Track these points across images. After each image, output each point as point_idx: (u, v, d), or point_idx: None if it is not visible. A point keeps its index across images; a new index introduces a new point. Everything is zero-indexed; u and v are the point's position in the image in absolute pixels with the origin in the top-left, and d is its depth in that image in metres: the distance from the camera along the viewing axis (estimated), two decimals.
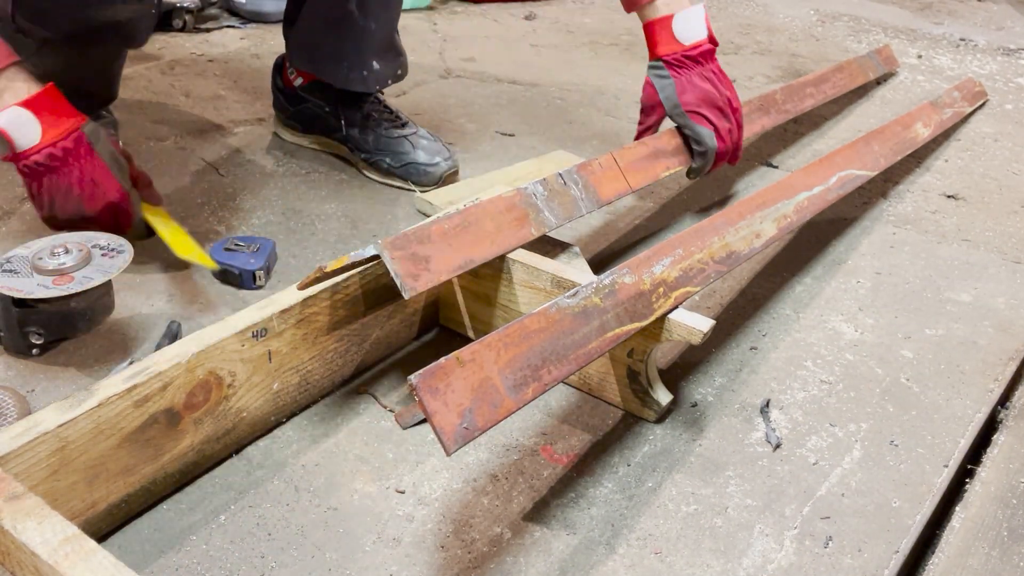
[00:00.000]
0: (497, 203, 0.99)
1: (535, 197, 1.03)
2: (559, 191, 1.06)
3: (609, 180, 1.13)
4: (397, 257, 0.87)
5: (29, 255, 0.98)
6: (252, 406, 0.90)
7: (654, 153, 1.22)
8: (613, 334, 0.87)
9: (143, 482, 0.81)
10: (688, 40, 1.23)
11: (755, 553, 0.82)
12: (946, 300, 1.24)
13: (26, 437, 0.71)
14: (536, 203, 1.02)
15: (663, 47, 1.24)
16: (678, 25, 1.22)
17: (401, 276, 0.86)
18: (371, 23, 1.37)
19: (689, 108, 1.23)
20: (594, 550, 0.81)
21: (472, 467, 0.90)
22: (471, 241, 0.94)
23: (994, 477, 0.92)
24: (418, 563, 0.79)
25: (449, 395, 0.73)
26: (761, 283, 1.25)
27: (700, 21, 1.24)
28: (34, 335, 0.98)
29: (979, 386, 1.06)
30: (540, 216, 1.02)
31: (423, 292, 1.06)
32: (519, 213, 1.00)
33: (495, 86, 1.93)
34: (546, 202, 1.03)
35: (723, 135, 1.24)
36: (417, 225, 0.92)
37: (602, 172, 1.13)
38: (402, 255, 0.87)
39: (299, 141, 1.56)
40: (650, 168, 1.20)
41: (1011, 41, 2.49)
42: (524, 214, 1.01)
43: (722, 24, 2.50)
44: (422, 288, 0.87)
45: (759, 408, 1.00)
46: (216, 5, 2.24)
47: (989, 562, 0.82)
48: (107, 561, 0.62)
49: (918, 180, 1.60)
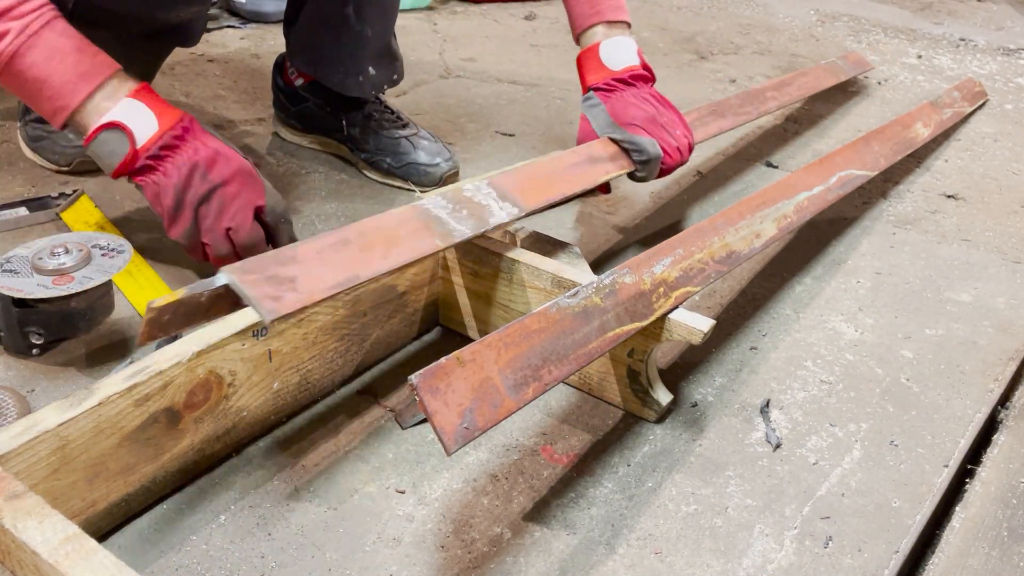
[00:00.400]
0: (387, 219, 0.92)
1: (437, 210, 0.95)
2: (467, 202, 0.98)
3: (532, 188, 1.05)
4: (249, 281, 0.77)
5: (29, 255, 0.98)
6: (252, 405, 0.90)
7: (589, 160, 1.14)
8: (613, 334, 0.87)
9: (143, 481, 0.81)
10: (617, 66, 1.18)
11: (755, 553, 0.82)
12: (946, 300, 1.24)
13: (26, 436, 0.71)
14: (438, 216, 0.95)
15: (591, 76, 1.19)
16: (605, 51, 1.19)
17: (256, 299, 0.76)
18: (367, 29, 1.37)
19: (624, 123, 1.16)
20: (594, 550, 0.81)
21: (472, 467, 0.90)
22: (354, 258, 0.86)
23: (994, 477, 0.92)
24: (418, 563, 0.79)
25: (449, 395, 0.73)
26: (761, 283, 1.25)
27: (630, 50, 1.19)
28: (34, 335, 0.98)
29: (979, 386, 1.06)
30: (446, 227, 0.94)
31: (423, 295, 1.06)
32: (416, 226, 0.92)
33: (495, 86, 1.93)
34: (451, 214, 0.96)
35: (668, 150, 1.16)
36: (279, 248, 0.85)
37: (522, 180, 1.06)
38: (255, 279, 0.78)
39: (299, 140, 1.56)
40: (586, 174, 1.12)
41: (1011, 41, 2.49)
42: (424, 226, 0.93)
43: (722, 24, 2.50)
44: (287, 310, 0.77)
45: (759, 408, 1.00)
46: (216, 5, 2.24)
47: (989, 562, 0.82)
48: (107, 560, 0.62)
49: (918, 180, 1.60)
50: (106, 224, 1.26)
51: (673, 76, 2.07)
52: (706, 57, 2.22)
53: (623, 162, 1.16)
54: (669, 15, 2.56)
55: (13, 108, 1.52)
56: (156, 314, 0.75)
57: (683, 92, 1.92)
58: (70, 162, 1.38)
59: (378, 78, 1.42)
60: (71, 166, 1.38)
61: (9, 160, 1.43)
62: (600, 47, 1.19)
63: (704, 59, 2.21)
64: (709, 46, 2.30)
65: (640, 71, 1.19)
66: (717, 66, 2.15)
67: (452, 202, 0.97)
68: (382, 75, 1.43)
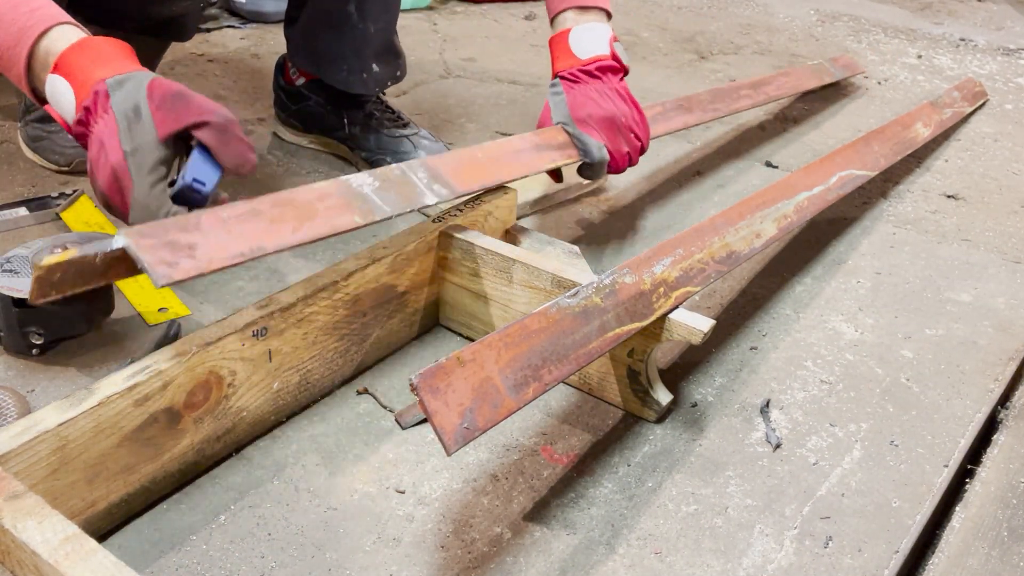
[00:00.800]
0: (304, 192, 0.88)
1: (362, 187, 0.92)
2: (396, 181, 0.95)
3: (469, 171, 1.04)
4: (145, 245, 0.75)
5: (29, 255, 0.98)
6: (252, 405, 0.90)
7: (535, 147, 1.13)
8: (613, 334, 0.87)
9: (143, 481, 0.81)
10: (585, 54, 1.16)
11: (755, 553, 0.82)
12: (946, 300, 1.24)
13: (26, 436, 0.71)
14: (362, 192, 0.92)
15: (560, 63, 1.17)
16: (574, 38, 1.16)
17: (150, 263, 0.74)
18: (370, 25, 1.37)
19: (580, 118, 1.14)
20: (594, 550, 0.81)
21: (472, 467, 0.90)
22: (263, 229, 0.82)
23: (994, 477, 0.92)
24: (418, 563, 0.79)
25: (450, 395, 0.73)
26: (761, 283, 1.25)
27: (601, 38, 1.17)
28: (34, 335, 0.98)
29: (979, 386, 1.06)
30: (369, 205, 0.90)
31: (423, 295, 1.06)
32: (336, 202, 0.89)
33: (495, 86, 1.93)
34: (376, 191, 0.93)
35: (616, 155, 1.15)
36: (185, 214, 0.81)
37: (460, 163, 1.04)
38: (152, 243, 0.75)
39: (299, 140, 1.56)
40: (530, 161, 1.11)
41: (1011, 41, 2.49)
42: (345, 203, 0.89)
43: (722, 24, 2.50)
44: (182, 276, 0.75)
45: (759, 408, 1.00)
46: (216, 5, 2.24)
47: (989, 562, 0.82)
48: (107, 561, 0.62)
49: (918, 180, 1.60)
50: (106, 224, 1.26)
51: (673, 76, 2.07)
52: (706, 57, 2.22)
53: (571, 152, 1.15)
54: (669, 15, 2.56)
55: (13, 108, 1.52)
56: (45, 272, 0.72)
57: (683, 92, 1.91)
58: (70, 162, 1.38)
59: (381, 75, 1.42)
60: (71, 166, 1.38)
61: (9, 160, 1.43)
62: (570, 33, 1.17)
63: (704, 59, 2.21)
64: (709, 46, 2.30)
65: (608, 62, 1.16)
66: (717, 66, 2.15)
67: (379, 179, 0.94)
68: (385, 72, 1.43)
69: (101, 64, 0.86)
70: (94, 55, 0.86)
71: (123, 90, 0.84)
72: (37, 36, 0.86)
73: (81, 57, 0.86)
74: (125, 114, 0.83)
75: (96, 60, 0.86)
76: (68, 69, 0.85)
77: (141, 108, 0.84)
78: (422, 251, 1.02)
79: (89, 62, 0.85)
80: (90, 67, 0.85)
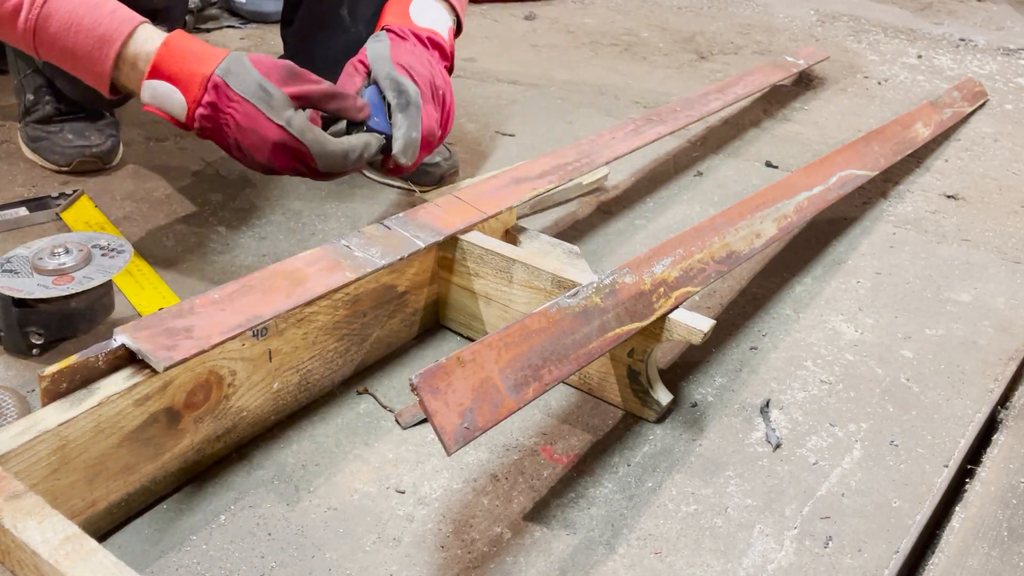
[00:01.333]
0: (293, 262, 0.93)
1: (349, 247, 0.96)
2: (379, 237, 0.99)
3: (454, 213, 1.06)
4: (143, 336, 0.79)
5: (29, 255, 0.98)
6: (252, 405, 0.90)
7: (514, 180, 1.16)
8: (613, 334, 0.87)
9: (143, 481, 0.81)
10: (422, 23, 1.11)
11: (755, 553, 0.82)
12: (946, 300, 1.24)
13: (26, 436, 0.71)
14: (350, 251, 0.96)
15: (391, 19, 1.11)
16: (415, 8, 1.12)
17: (150, 352, 0.77)
18: (363, 30, 1.37)
19: (400, 64, 1.04)
20: (594, 550, 0.82)
21: (472, 467, 0.90)
22: (257, 300, 0.86)
23: (994, 477, 0.92)
24: (418, 563, 0.79)
25: (450, 395, 0.73)
26: (761, 283, 1.25)
27: (442, 21, 1.13)
28: (34, 335, 0.98)
29: (979, 386, 1.06)
30: (358, 260, 0.95)
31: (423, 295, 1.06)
32: (326, 264, 0.93)
33: (495, 86, 1.93)
34: (362, 249, 0.96)
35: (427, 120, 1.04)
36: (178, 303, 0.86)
37: (443, 208, 1.07)
38: (150, 333, 0.80)
39: None
40: (511, 194, 1.13)
41: (1011, 41, 2.49)
42: (334, 263, 0.93)
43: (722, 24, 2.50)
44: (182, 356, 0.78)
45: (759, 408, 1.00)
46: (216, 5, 2.24)
47: (989, 562, 0.82)
48: (107, 560, 0.62)
49: (918, 180, 1.60)
50: (106, 224, 1.26)
51: (673, 76, 2.07)
52: (706, 57, 2.22)
53: (552, 176, 1.17)
54: (669, 15, 2.56)
55: (13, 108, 1.52)
56: (51, 383, 0.75)
57: (683, 92, 1.92)
58: (70, 162, 1.38)
59: None
60: (71, 166, 1.38)
61: (9, 160, 1.43)
62: (412, 3, 1.13)
63: (704, 59, 2.21)
64: (709, 46, 2.30)
65: (441, 40, 1.12)
66: (717, 66, 2.15)
67: (364, 238, 0.99)
68: None
69: (192, 60, 0.95)
70: (183, 53, 0.95)
71: (234, 76, 0.94)
72: (124, 40, 0.95)
73: (173, 58, 0.95)
74: (255, 95, 0.93)
75: (187, 58, 0.95)
76: (168, 72, 0.95)
77: (265, 86, 0.94)
78: (422, 251, 1.02)
79: (183, 61, 0.95)
80: (186, 66, 0.94)
